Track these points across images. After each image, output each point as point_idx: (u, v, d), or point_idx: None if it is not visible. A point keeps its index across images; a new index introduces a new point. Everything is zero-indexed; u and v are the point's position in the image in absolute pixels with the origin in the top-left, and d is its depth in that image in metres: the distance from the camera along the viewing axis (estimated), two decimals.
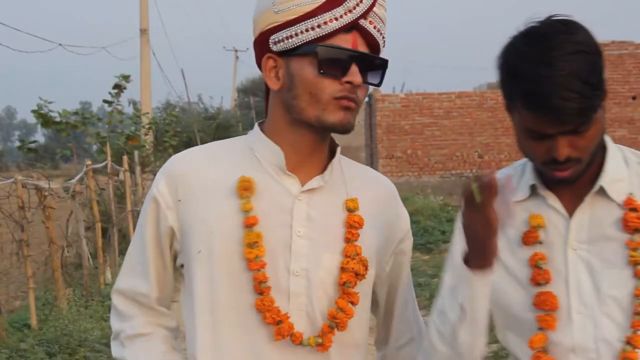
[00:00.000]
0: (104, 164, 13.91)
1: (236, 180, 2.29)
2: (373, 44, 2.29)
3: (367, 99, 31.95)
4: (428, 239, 17.27)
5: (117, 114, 14.79)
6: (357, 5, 2.23)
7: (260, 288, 2.23)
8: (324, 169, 2.37)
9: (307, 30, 2.22)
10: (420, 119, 28.49)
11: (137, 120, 16.87)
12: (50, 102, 13.02)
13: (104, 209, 14.30)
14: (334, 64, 2.22)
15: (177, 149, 21.95)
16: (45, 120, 12.99)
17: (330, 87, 2.23)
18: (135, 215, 15.90)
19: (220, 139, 2.46)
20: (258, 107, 75.68)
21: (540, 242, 2.35)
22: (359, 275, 2.28)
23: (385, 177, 2.56)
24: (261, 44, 2.30)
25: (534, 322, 2.32)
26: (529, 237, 2.35)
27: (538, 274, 2.32)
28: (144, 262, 2.38)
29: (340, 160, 2.42)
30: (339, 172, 2.40)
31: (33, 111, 12.90)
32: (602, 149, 2.31)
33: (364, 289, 2.33)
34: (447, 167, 28.28)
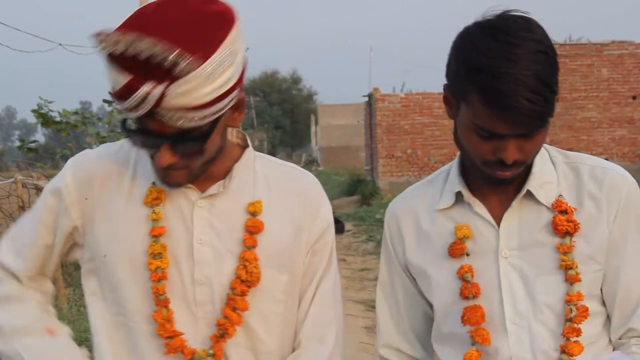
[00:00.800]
0: None
1: (143, 187, 2.26)
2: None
3: (367, 98, 32.03)
4: None
5: (117, 114, 14.76)
6: (138, 106, 1.98)
7: (159, 300, 2.20)
8: (227, 173, 2.30)
9: (120, 110, 2.07)
10: (420, 119, 28.48)
11: None
12: (50, 102, 13.00)
13: None
14: (144, 143, 2.11)
15: None
16: (45, 119, 12.97)
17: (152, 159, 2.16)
18: None
19: None
20: (258, 107, 75.70)
21: (468, 254, 2.28)
22: (245, 282, 2.22)
23: (307, 173, 2.44)
24: None
25: (468, 336, 2.25)
26: (456, 249, 2.28)
27: (465, 287, 2.25)
28: (26, 245, 2.34)
29: (253, 161, 2.34)
30: (249, 174, 2.32)
31: (33, 111, 12.88)
32: None
33: (273, 295, 2.28)
34: None
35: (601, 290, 2.26)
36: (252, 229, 2.25)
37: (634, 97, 27.86)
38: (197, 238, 2.24)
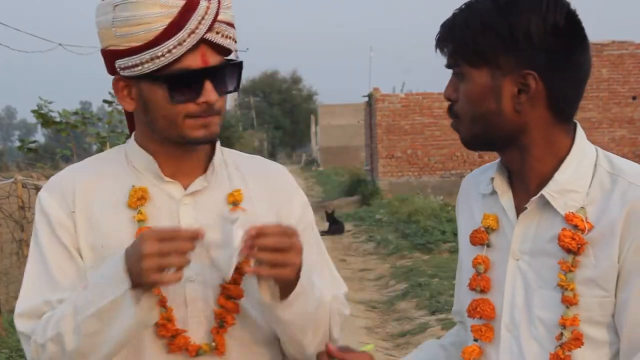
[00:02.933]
0: None
1: (123, 191, 2.26)
2: (224, 50, 2.22)
3: (367, 98, 32.09)
4: (428, 238, 17.26)
5: (117, 114, 14.77)
6: (200, 24, 2.13)
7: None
8: (206, 168, 2.32)
9: (152, 59, 2.12)
10: (421, 119, 28.49)
11: None
12: (50, 102, 13.01)
13: None
14: (186, 88, 2.15)
15: None
16: (45, 120, 12.97)
17: (185, 110, 2.17)
18: None
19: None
20: (258, 107, 75.71)
21: (489, 245, 2.17)
22: (237, 269, 2.16)
23: (273, 162, 2.51)
24: (108, 61, 2.24)
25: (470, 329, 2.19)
26: (475, 238, 2.19)
27: (475, 279, 2.17)
28: (47, 272, 2.22)
29: (223, 154, 2.37)
30: (222, 167, 2.35)
31: (33, 111, 12.89)
32: (566, 149, 2.11)
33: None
34: (447, 167, 28.27)
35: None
36: None
37: (634, 97, 27.87)
38: None
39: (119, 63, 2.18)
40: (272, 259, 2.07)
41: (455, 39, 2.08)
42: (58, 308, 2.16)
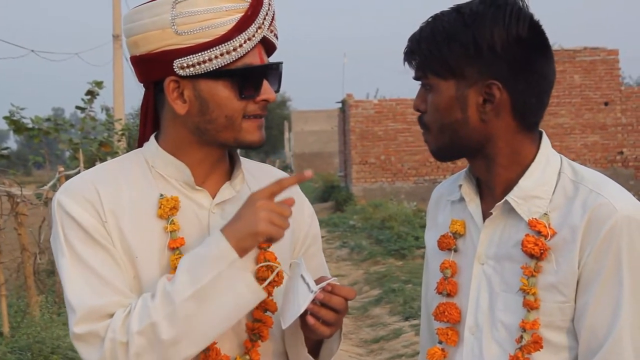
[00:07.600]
0: (76, 170, 13.84)
1: (150, 200, 2.20)
2: (272, 49, 2.25)
3: (340, 105, 32.05)
4: (402, 244, 17.28)
5: (89, 121, 14.72)
6: (264, 19, 2.16)
7: None
8: (228, 175, 2.29)
9: (221, 55, 2.10)
10: (394, 125, 28.56)
11: (110, 126, 16.80)
12: (22, 109, 12.94)
13: None
14: (250, 85, 2.15)
15: None
16: (17, 126, 12.90)
17: (246, 108, 2.17)
18: None
19: None
20: None
21: (456, 250, 2.24)
22: (272, 282, 2.17)
23: (280, 170, 2.49)
24: (156, 64, 2.17)
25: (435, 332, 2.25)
26: (442, 243, 2.26)
27: (442, 283, 2.22)
28: (96, 275, 2.12)
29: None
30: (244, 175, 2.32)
31: (5, 117, 12.81)
32: (531, 157, 2.17)
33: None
34: (420, 173, 28.33)
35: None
36: None
37: (606, 103, 28.06)
38: None
39: (180, 62, 2.12)
40: (333, 319, 2.13)
41: (421, 51, 2.14)
42: (136, 305, 2.06)
